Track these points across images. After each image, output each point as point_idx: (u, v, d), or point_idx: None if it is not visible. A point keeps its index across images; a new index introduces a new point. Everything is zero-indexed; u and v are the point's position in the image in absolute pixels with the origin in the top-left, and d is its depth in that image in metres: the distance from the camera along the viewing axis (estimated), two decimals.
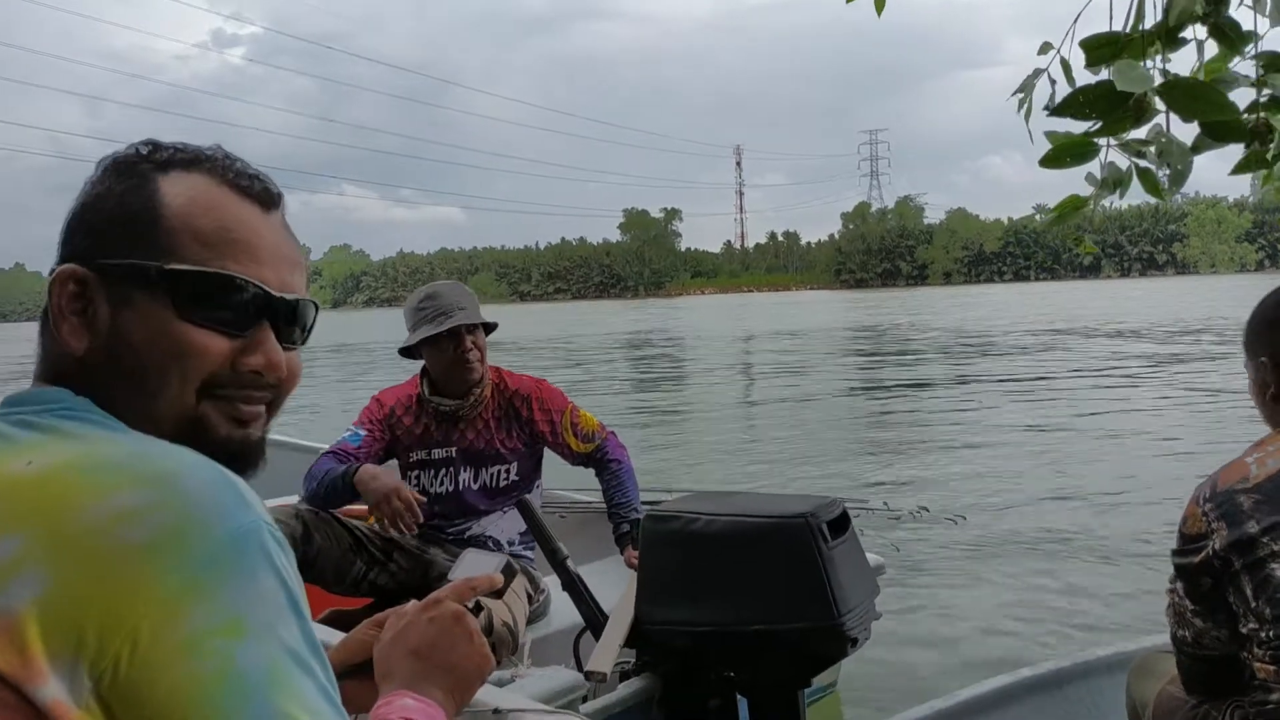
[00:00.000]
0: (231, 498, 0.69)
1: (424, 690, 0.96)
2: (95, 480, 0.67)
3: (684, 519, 2.29)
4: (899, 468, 8.55)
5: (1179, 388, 13.36)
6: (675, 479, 7.49)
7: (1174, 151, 1.51)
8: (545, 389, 3.12)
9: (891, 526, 4.73)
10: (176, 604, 0.63)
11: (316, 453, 3.05)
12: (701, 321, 46.93)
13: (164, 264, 0.80)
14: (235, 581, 0.66)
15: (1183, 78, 1.50)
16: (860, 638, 2.25)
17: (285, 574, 0.70)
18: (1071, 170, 1.62)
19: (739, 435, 11.19)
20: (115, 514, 0.65)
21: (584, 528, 3.60)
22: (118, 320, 0.80)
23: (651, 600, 2.33)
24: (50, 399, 0.78)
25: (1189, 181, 1.57)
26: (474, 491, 3.07)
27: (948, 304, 53.87)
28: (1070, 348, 21.22)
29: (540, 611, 2.98)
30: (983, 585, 5.10)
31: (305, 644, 0.69)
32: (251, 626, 0.65)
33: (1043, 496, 7.08)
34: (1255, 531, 1.48)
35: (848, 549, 2.30)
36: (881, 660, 3.87)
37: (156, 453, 0.72)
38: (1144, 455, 8.42)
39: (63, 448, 0.71)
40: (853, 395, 14.66)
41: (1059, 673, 2.45)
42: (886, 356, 21.74)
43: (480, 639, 1.04)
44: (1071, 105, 1.48)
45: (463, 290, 3.07)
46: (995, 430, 10.28)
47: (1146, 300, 45.84)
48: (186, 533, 0.65)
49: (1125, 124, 1.49)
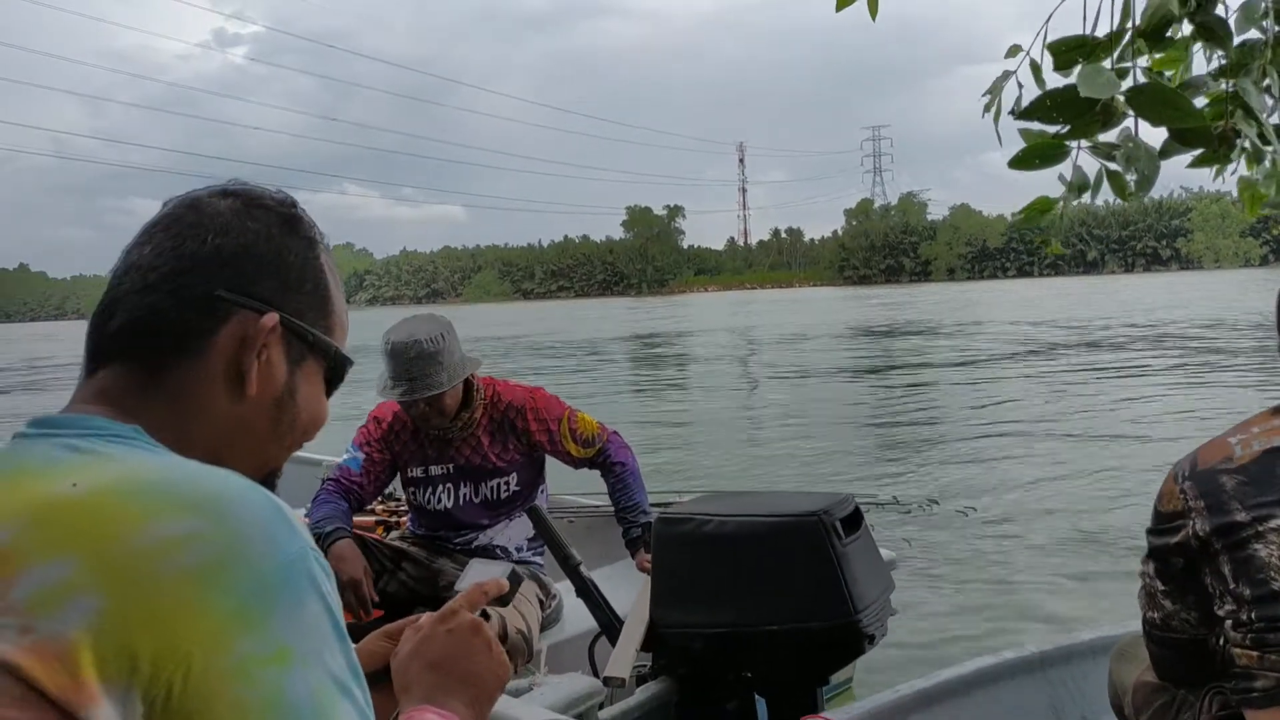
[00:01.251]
0: (280, 525, 0.70)
1: (445, 703, 0.97)
2: (144, 504, 0.67)
3: (696, 521, 2.29)
4: (908, 462, 8.54)
5: (1191, 383, 13.33)
6: (685, 480, 7.49)
7: (1141, 156, 1.50)
8: (539, 398, 3.08)
9: (902, 520, 4.73)
10: (226, 631, 0.64)
11: (318, 464, 3.05)
12: (705, 318, 46.89)
13: (338, 345, 0.91)
14: (284, 609, 0.67)
15: (1149, 83, 1.48)
16: (877, 634, 2.25)
17: (330, 600, 0.70)
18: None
19: (747, 434, 11.18)
20: (166, 539, 0.65)
21: (593, 532, 3.59)
22: (293, 379, 0.87)
23: (666, 603, 2.32)
24: (96, 425, 0.77)
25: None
26: (475, 506, 3.05)
27: (962, 299, 53.76)
28: (1078, 342, 21.18)
29: (553, 618, 2.97)
30: (996, 577, 5.10)
31: (348, 668, 0.70)
32: (299, 655, 0.66)
33: (1053, 488, 7.08)
34: (1242, 516, 1.46)
35: (862, 545, 2.29)
36: (896, 654, 3.88)
37: (204, 477, 0.72)
38: (1156, 446, 8.43)
39: (108, 470, 0.71)
40: (859, 390, 14.64)
41: (1043, 656, 2.43)
42: (895, 353, 21.71)
43: (498, 648, 1.04)
44: (1038, 109, 1.47)
45: (425, 351, 2.83)
46: (1005, 424, 10.27)
47: (1155, 295, 45.72)
48: (237, 560, 0.66)
49: (1094, 127, 1.48)
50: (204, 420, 0.82)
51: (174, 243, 0.84)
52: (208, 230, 0.84)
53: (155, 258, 0.83)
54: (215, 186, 0.90)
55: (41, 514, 0.67)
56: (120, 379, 0.81)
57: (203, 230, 0.84)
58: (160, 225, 0.86)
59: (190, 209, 0.87)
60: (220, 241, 0.84)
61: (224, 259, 0.84)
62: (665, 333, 35.82)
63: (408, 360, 2.83)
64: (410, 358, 2.83)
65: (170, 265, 0.83)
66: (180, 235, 0.84)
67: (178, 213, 0.87)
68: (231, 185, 0.90)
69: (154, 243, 0.85)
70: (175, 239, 0.84)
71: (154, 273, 0.82)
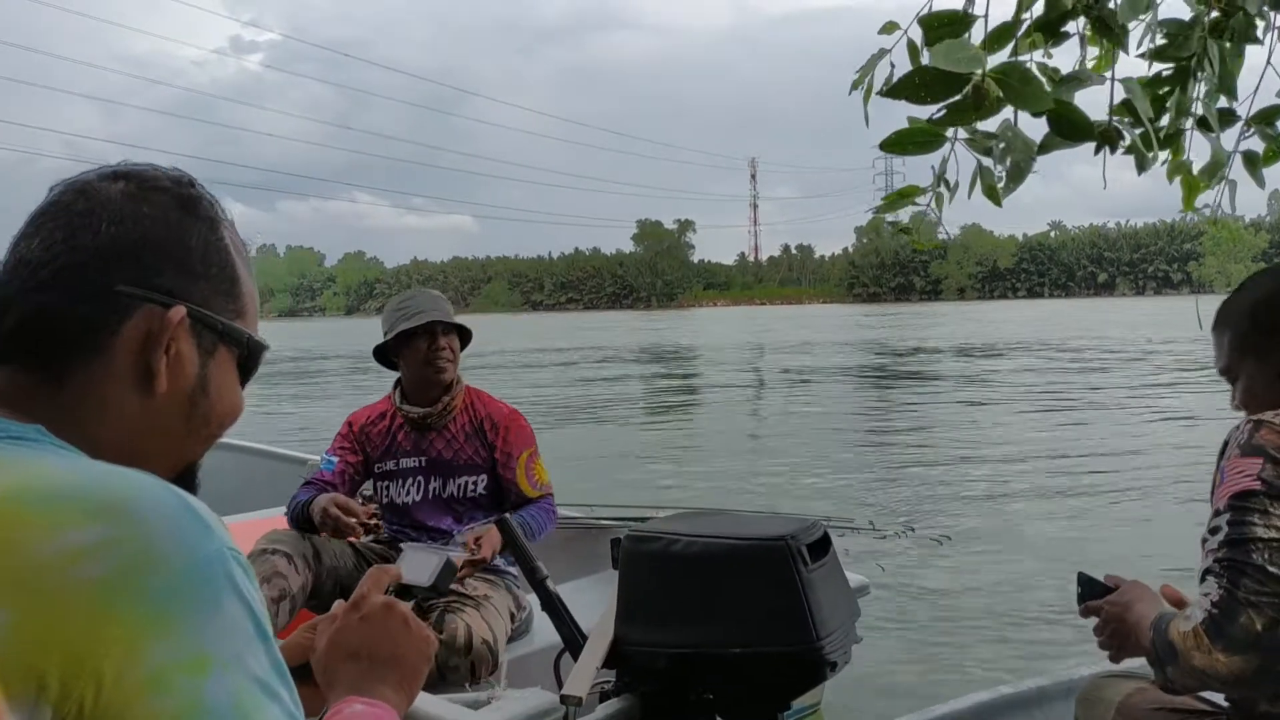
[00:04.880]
0: (193, 525, 0.67)
1: (371, 690, 0.95)
2: (46, 512, 0.63)
3: (665, 540, 2.27)
4: (890, 488, 8.51)
5: (1170, 408, 13.27)
6: (666, 495, 7.49)
7: (1018, 146, 1.44)
8: (516, 424, 3.14)
9: (877, 545, 4.71)
10: (139, 640, 0.61)
11: (303, 463, 3.07)
12: (711, 336, 46.88)
13: (250, 330, 0.86)
14: (199, 613, 0.64)
15: (1016, 63, 1.39)
16: (840, 661, 2.22)
17: (250, 599, 0.67)
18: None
19: (740, 450, 11.16)
20: (72, 549, 0.61)
21: (565, 544, 3.58)
22: (205, 371, 0.82)
23: (631, 621, 2.30)
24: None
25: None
26: (442, 501, 3.08)
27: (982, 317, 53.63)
28: (1076, 365, 21.10)
29: (522, 630, 2.97)
30: (967, 604, 5.07)
31: (272, 669, 0.67)
32: (219, 659, 0.63)
33: (1031, 514, 7.06)
34: None
35: (828, 571, 2.27)
36: (866, 679, 3.86)
37: (111, 479, 0.68)
38: (1136, 474, 8.40)
39: (7, 474, 0.67)
40: (856, 411, 14.60)
41: (1010, 698, 2.42)
42: (894, 374, 21.66)
43: (416, 622, 1.02)
44: (906, 86, 1.38)
45: (439, 296, 3.14)
46: (992, 448, 10.23)
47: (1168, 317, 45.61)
48: (146, 566, 0.63)
49: (967, 113, 1.39)
50: (112, 420, 0.78)
51: (65, 234, 0.78)
52: (100, 219, 0.78)
53: (45, 251, 0.77)
54: (105, 168, 0.83)
55: None
56: (17, 380, 0.76)
57: (95, 219, 0.78)
58: (48, 215, 0.79)
59: (80, 195, 0.80)
60: (115, 231, 0.78)
61: (121, 250, 0.78)
62: (668, 345, 35.81)
63: (431, 299, 3.07)
64: (430, 297, 3.08)
65: (63, 260, 0.77)
66: (71, 225, 0.78)
67: (66, 199, 0.80)
68: (122, 167, 0.83)
69: (42, 234, 0.78)
70: (66, 229, 0.78)
71: (45, 269, 0.77)
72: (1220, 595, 1.58)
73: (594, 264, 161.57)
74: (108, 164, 0.84)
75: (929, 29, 1.44)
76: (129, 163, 0.84)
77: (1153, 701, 1.84)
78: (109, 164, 0.84)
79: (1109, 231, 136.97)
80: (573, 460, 9.72)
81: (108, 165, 0.84)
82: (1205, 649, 1.56)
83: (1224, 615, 1.54)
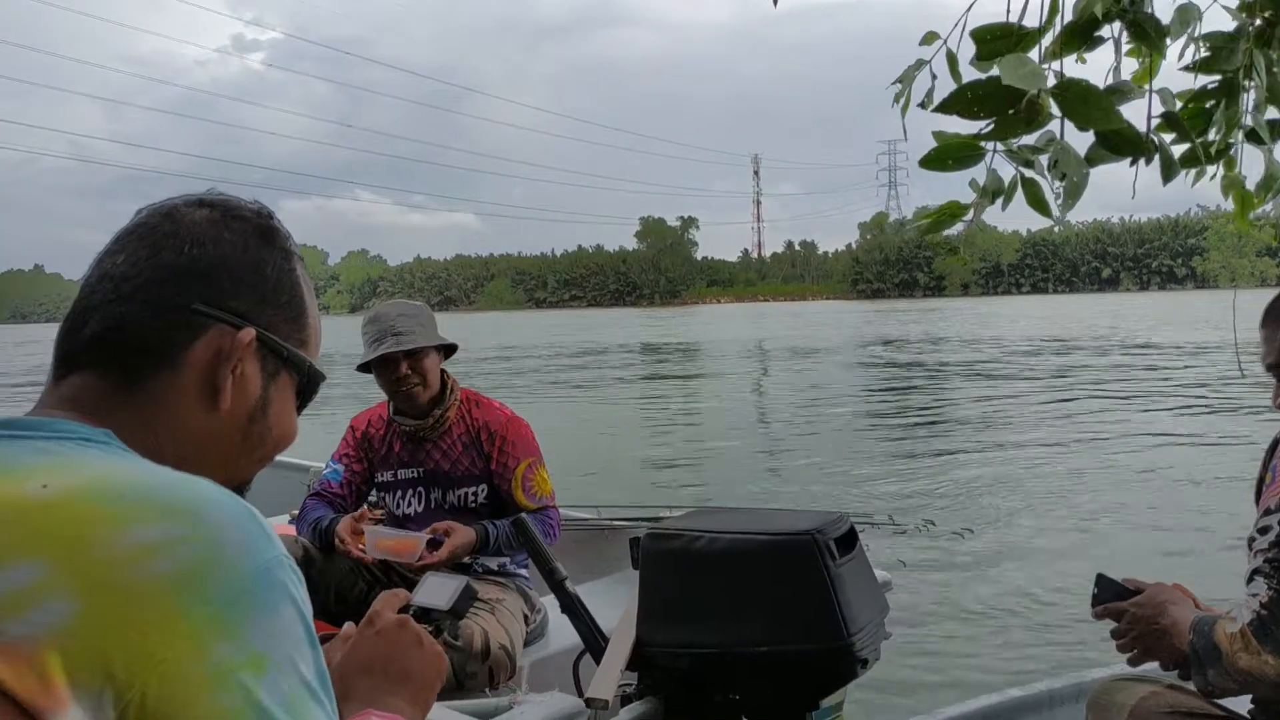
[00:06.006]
0: (255, 532, 0.70)
1: (385, 704, 0.99)
2: (118, 509, 0.66)
3: (686, 537, 2.22)
4: (908, 481, 8.45)
5: (1196, 407, 13.20)
6: (681, 495, 7.44)
7: (1070, 161, 1.39)
8: (515, 432, 3.00)
9: (899, 541, 4.65)
10: (204, 637, 0.64)
11: (305, 470, 3.03)
12: (717, 332, 46.87)
13: (312, 359, 0.90)
14: (260, 616, 0.67)
15: (1077, 80, 1.36)
16: (870, 658, 2.17)
17: (302, 607, 0.71)
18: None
19: (750, 447, 11.11)
20: (142, 545, 0.65)
21: (580, 546, 3.53)
22: (267, 393, 0.87)
23: (653, 621, 2.26)
24: (67, 429, 0.76)
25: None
26: (445, 512, 2.99)
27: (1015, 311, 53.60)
28: (1085, 362, 21.04)
29: (538, 633, 2.93)
30: (990, 599, 5.02)
31: (317, 675, 0.71)
32: (274, 660, 0.67)
33: (1050, 508, 7.00)
34: None
35: (856, 566, 2.22)
36: (888, 678, 3.81)
37: (179, 483, 0.71)
38: (1157, 472, 8.34)
39: (81, 473, 0.70)
40: (868, 406, 14.55)
41: (1019, 700, 2.37)
42: (906, 369, 21.62)
43: (429, 640, 1.07)
44: (958, 102, 1.35)
45: (408, 311, 2.94)
46: (1008, 443, 10.17)
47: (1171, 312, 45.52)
48: (213, 566, 0.66)
49: (1016, 128, 1.36)
50: (175, 431, 0.82)
51: (149, 252, 0.83)
52: (184, 240, 0.84)
53: (130, 267, 0.83)
54: (192, 196, 0.89)
55: (9, 515, 0.65)
56: (92, 386, 0.80)
57: (179, 240, 0.84)
58: (135, 234, 0.85)
59: (166, 218, 0.86)
60: (196, 253, 0.84)
61: (200, 271, 0.83)
62: (671, 343, 35.79)
63: (390, 319, 2.88)
64: (393, 317, 2.89)
65: (146, 276, 0.82)
66: (155, 245, 0.84)
67: (153, 221, 0.86)
68: (208, 195, 0.89)
69: (128, 252, 0.84)
70: (151, 248, 0.83)
71: (128, 283, 0.82)
72: (1270, 596, 1.53)
73: (597, 261, 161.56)
74: (193, 193, 0.90)
75: (981, 41, 1.42)
76: (216, 191, 0.90)
77: (1167, 705, 1.80)
78: (195, 193, 0.90)
79: (1113, 226, 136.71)
80: (581, 462, 9.68)
81: (194, 193, 0.90)
82: (1254, 650, 1.52)
83: (1273, 617, 1.50)
